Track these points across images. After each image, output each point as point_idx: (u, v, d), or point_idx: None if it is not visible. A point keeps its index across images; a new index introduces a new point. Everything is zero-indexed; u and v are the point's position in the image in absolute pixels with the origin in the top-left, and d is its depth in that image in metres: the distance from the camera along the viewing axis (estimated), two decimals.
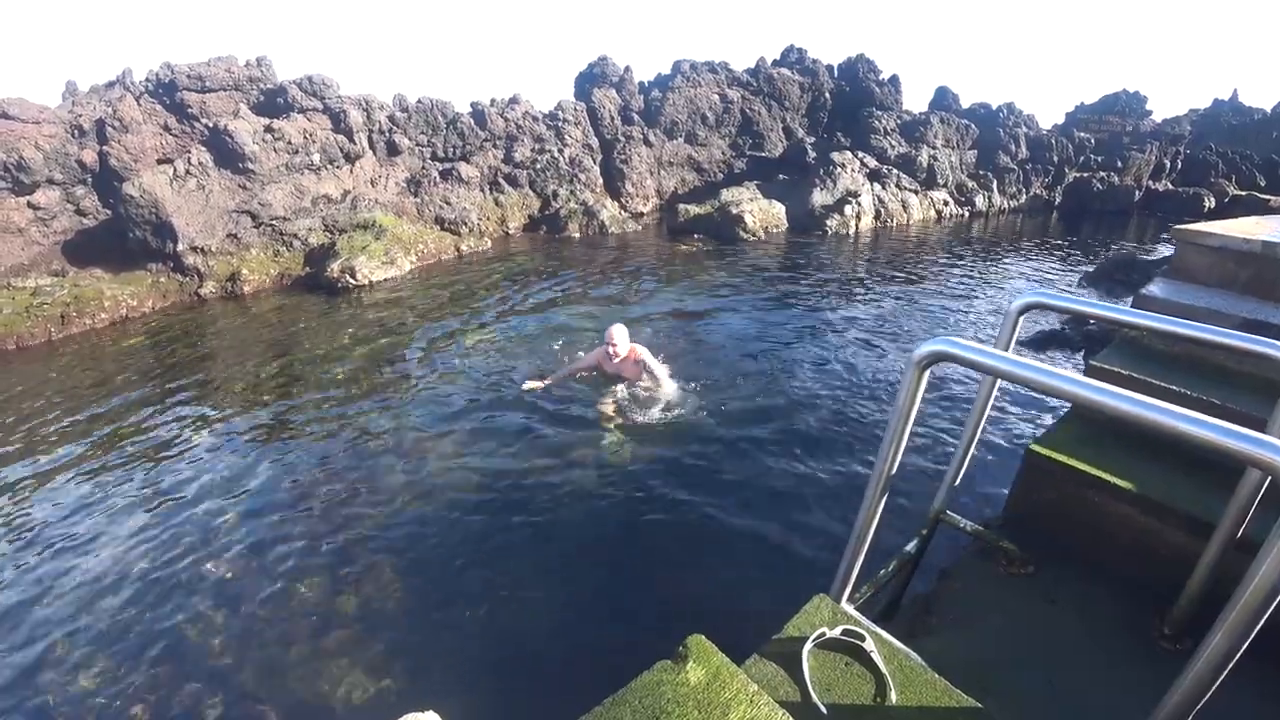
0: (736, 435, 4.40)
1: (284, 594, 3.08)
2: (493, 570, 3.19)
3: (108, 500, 3.92)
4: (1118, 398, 1.01)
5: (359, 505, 3.74)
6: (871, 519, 1.46)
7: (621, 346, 4.77)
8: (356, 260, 8.65)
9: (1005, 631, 1.92)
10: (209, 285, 8.45)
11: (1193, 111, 25.17)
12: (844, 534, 1.54)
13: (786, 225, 12.70)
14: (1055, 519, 2.28)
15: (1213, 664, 1.02)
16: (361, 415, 4.87)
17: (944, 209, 14.74)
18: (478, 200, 11.85)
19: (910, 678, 1.40)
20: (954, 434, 4.40)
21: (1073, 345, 6.42)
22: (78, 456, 4.47)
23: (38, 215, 8.39)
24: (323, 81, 10.50)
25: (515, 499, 3.71)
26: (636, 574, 3.16)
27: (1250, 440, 0.89)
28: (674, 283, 8.62)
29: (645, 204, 13.79)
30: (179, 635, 2.88)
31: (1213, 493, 1.94)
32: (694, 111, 14.68)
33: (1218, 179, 17.16)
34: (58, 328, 7.10)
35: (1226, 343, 1.46)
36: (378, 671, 2.64)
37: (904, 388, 1.31)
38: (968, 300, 8.18)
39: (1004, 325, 1.76)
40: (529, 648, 2.75)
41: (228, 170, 9.12)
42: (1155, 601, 1.92)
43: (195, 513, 3.75)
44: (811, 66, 16.94)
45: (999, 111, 17.34)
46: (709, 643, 1.30)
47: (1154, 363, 2.56)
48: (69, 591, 3.18)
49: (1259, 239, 2.74)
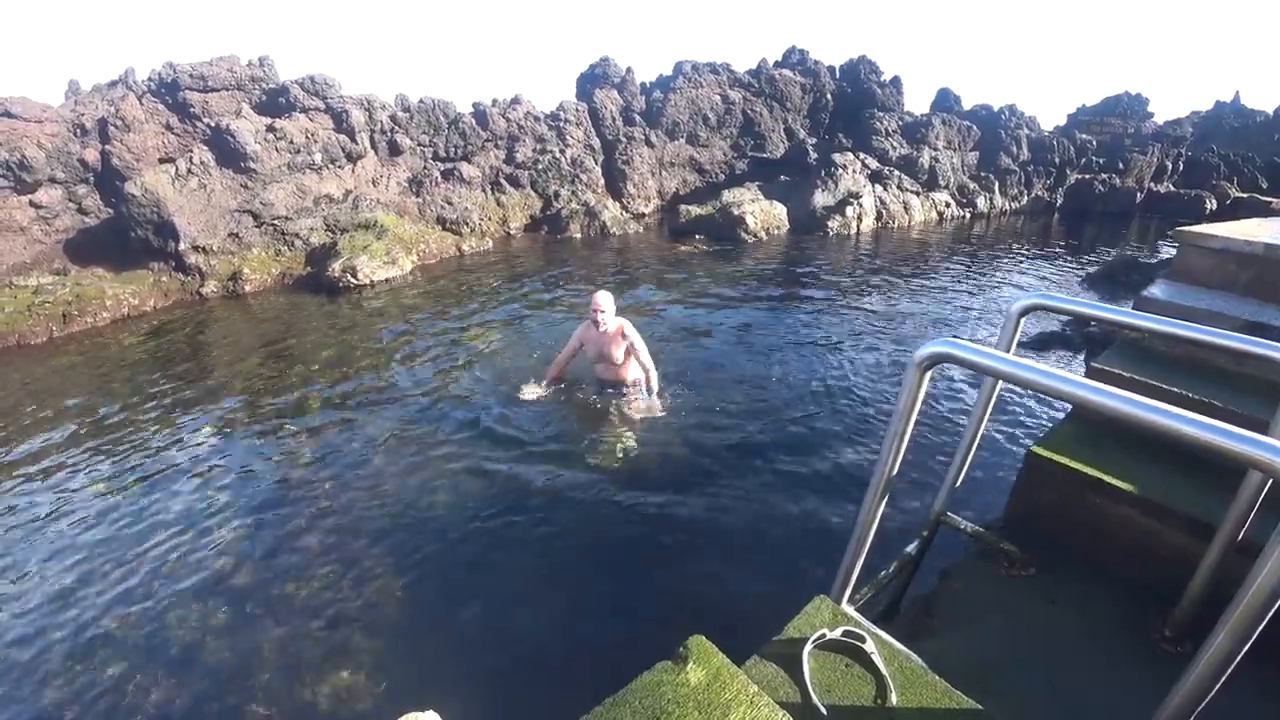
0: (737, 435, 4.40)
1: (284, 593, 3.08)
2: (493, 570, 3.20)
3: (107, 498, 3.93)
4: (1118, 399, 1.01)
5: (359, 505, 3.74)
6: (872, 520, 1.46)
7: (608, 313, 4.50)
8: (358, 260, 8.65)
9: (1006, 633, 1.92)
10: (210, 284, 8.46)
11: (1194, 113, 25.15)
12: (844, 535, 1.54)
13: (788, 226, 12.70)
14: (1056, 520, 2.28)
15: (1214, 666, 1.02)
16: (362, 415, 4.87)
17: (945, 210, 14.74)
18: (479, 200, 11.86)
19: (910, 679, 1.40)
20: (955, 435, 4.39)
21: (1074, 347, 6.41)
22: (77, 454, 4.47)
23: (40, 214, 8.40)
24: (325, 81, 10.51)
25: (515, 499, 3.71)
26: (637, 574, 3.15)
27: (1251, 442, 0.89)
28: (675, 283, 8.62)
29: (647, 205, 13.79)
30: (177, 634, 2.88)
31: (1214, 495, 1.94)
32: (695, 112, 14.68)
33: (1219, 181, 17.14)
34: (59, 326, 7.11)
35: (1228, 345, 1.45)
36: (378, 671, 2.64)
37: (905, 388, 1.31)
38: (969, 301, 8.18)
39: (1005, 326, 1.76)
40: (529, 647, 2.75)
41: (230, 169, 9.13)
42: (1156, 603, 1.92)
43: (194, 511, 3.75)
44: (813, 68, 16.95)
45: (1000, 113, 17.33)
46: (709, 643, 1.30)
47: (1155, 364, 2.56)
48: (64, 589, 3.18)
49: (1261, 241, 2.73)
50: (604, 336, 4.59)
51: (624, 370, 4.73)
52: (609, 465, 4.01)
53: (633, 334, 4.60)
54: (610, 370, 4.74)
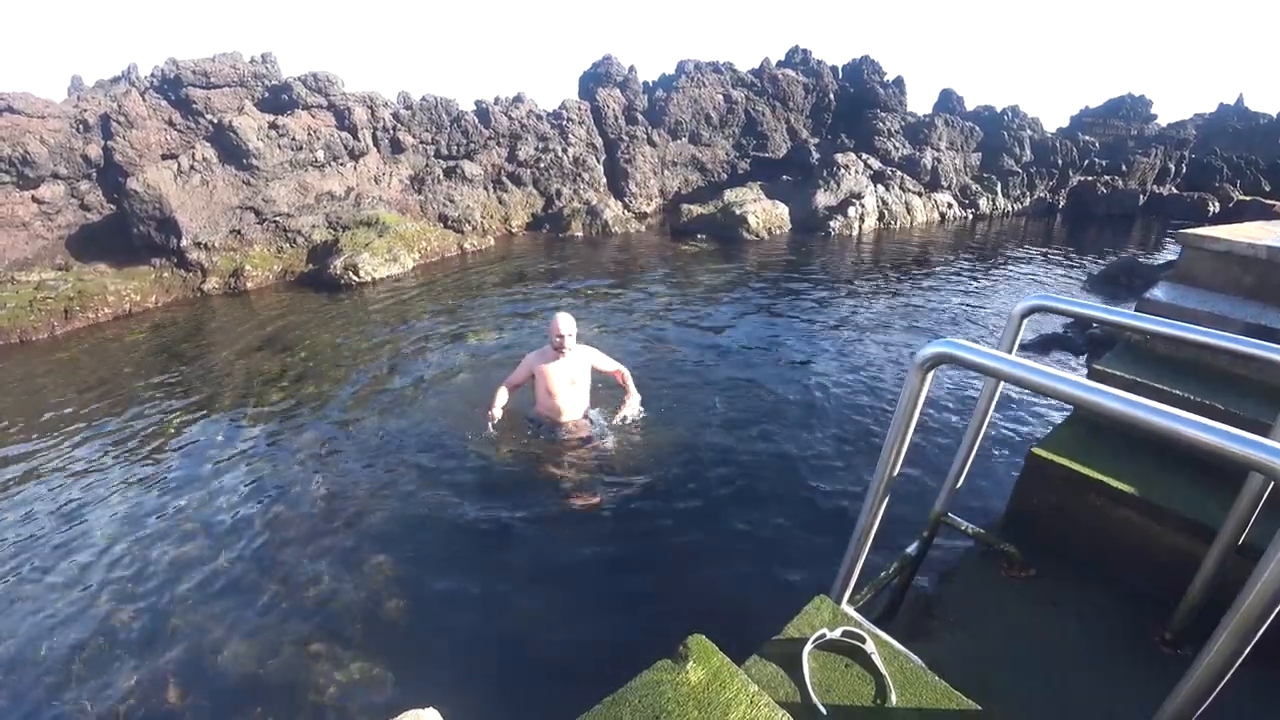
0: (737, 435, 4.40)
1: (284, 592, 3.09)
2: (494, 569, 3.20)
3: (106, 494, 3.93)
4: (1120, 401, 1.01)
5: (359, 504, 3.74)
6: (873, 520, 1.46)
7: (569, 339, 3.99)
8: (360, 257, 8.66)
9: (1006, 634, 1.92)
10: (212, 281, 8.46)
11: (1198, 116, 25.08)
12: (845, 534, 1.54)
13: (790, 226, 12.69)
14: (1056, 522, 2.28)
15: (1214, 669, 1.02)
16: (363, 413, 4.87)
17: (947, 211, 14.72)
18: (481, 198, 11.86)
19: (910, 680, 1.40)
20: (956, 436, 4.39)
21: (1076, 349, 6.41)
22: (77, 449, 4.48)
23: (42, 209, 8.41)
24: (327, 78, 10.51)
25: (516, 498, 3.71)
26: (637, 573, 3.15)
27: (1253, 445, 0.89)
28: (676, 283, 8.62)
29: (649, 204, 13.78)
30: (177, 633, 2.88)
31: (1215, 497, 1.94)
32: (698, 112, 14.66)
33: (1222, 183, 17.12)
34: (61, 322, 7.12)
35: (1230, 347, 1.45)
36: (378, 669, 2.64)
37: (906, 389, 1.31)
38: (971, 302, 8.17)
39: (1007, 328, 1.76)
40: (529, 646, 2.75)
41: (232, 166, 9.14)
42: (1156, 606, 1.92)
43: (194, 509, 3.76)
44: (816, 67, 16.92)
45: (1003, 114, 17.30)
46: (709, 642, 1.31)
47: (1157, 367, 2.55)
48: (63, 585, 3.18)
49: (1264, 244, 2.73)
50: (566, 365, 4.10)
51: (581, 400, 4.24)
52: (610, 465, 4.01)
53: (592, 351, 4.29)
54: (566, 399, 4.13)
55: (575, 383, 4.17)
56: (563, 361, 4.08)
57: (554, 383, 4.10)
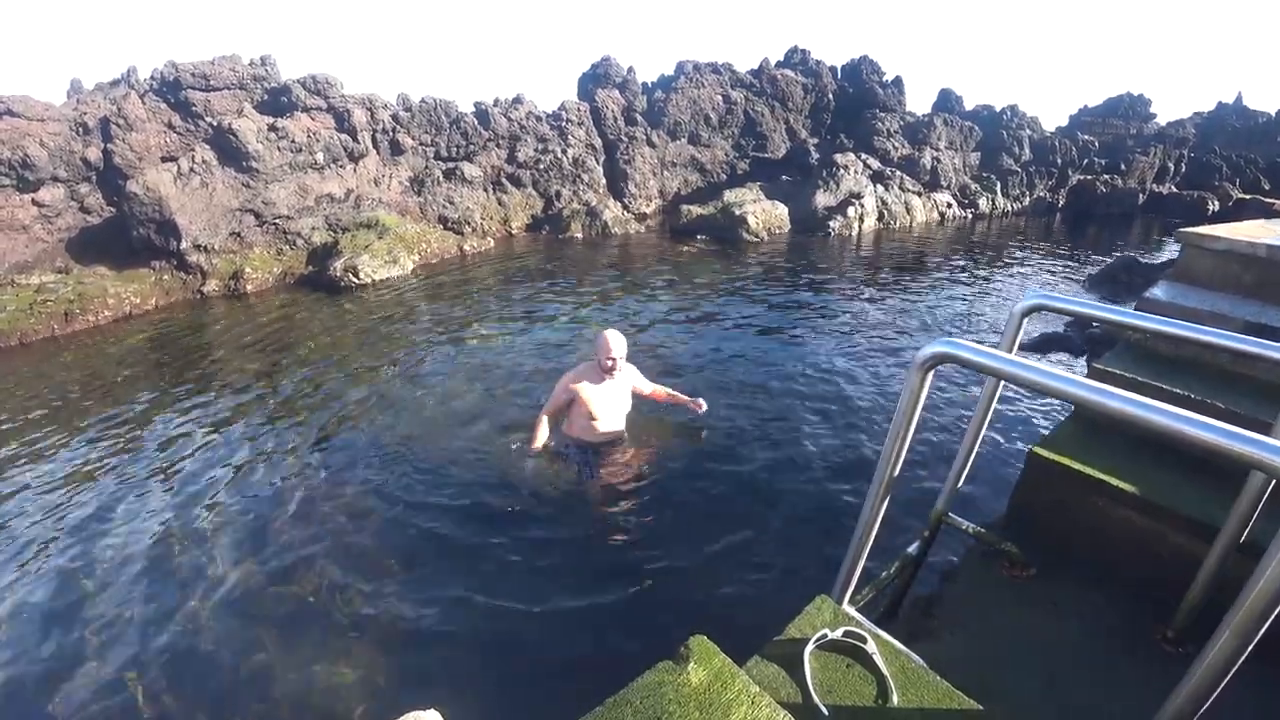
0: (736, 435, 4.39)
1: (285, 593, 3.08)
2: (495, 570, 3.19)
3: (105, 496, 3.93)
4: (1120, 400, 1.01)
5: (360, 505, 3.74)
6: (874, 520, 1.46)
7: (621, 360, 3.82)
8: (359, 259, 8.66)
9: (1007, 633, 1.92)
10: (212, 283, 8.46)
11: (1197, 114, 25.10)
12: (846, 535, 1.54)
13: (789, 226, 12.69)
14: (1057, 521, 2.28)
15: (1216, 668, 1.02)
16: (363, 415, 4.87)
17: (947, 211, 14.73)
18: (481, 200, 11.86)
19: (912, 680, 1.40)
20: (957, 435, 4.39)
21: (1076, 348, 6.41)
22: (77, 452, 4.48)
23: (42, 212, 8.41)
24: (326, 81, 10.52)
25: (517, 499, 3.71)
26: (638, 574, 3.15)
27: (1254, 443, 0.89)
28: (676, 284, 8.62)
29: (648, 205, 13.79)
30: (177, 634, 2.88)
31: (1216, 496, 1.94)
32: (697, 112, 14.67)
33: (1222, 182, 17.12)
34: (61, 325, 7.12)
35: (1230, 346, 1.45)
36: (379, 670, 2.64)
37: (907, 389, 1.31)
38: (971, 302, 8.17)
39: (1007, 327, 1.76)
40: (530, 646, 2.75)
41: (231, 169, 9.14)
42: (1157, 605, 1.92)
43: (193, 510, 3.75)
44: (815, 68, 16.94)
45: (1002, 114, 17.33)
46: (711, 643, 1.30)
47: (1157, 365, 2.56)
48: (63, 587, 3.18)
49: (1264, 242, 2.73)
50: (612, 386, 3.89)
51: (621, 422, 4.07)
52: (609, 466, 4.00)
53: (634, 372, 4.15)
54: (608, 423, 3.96)
55: (619, 405, 3.98)
56: (610, 383, 3.87)
57: (598, 406, 3.84)
